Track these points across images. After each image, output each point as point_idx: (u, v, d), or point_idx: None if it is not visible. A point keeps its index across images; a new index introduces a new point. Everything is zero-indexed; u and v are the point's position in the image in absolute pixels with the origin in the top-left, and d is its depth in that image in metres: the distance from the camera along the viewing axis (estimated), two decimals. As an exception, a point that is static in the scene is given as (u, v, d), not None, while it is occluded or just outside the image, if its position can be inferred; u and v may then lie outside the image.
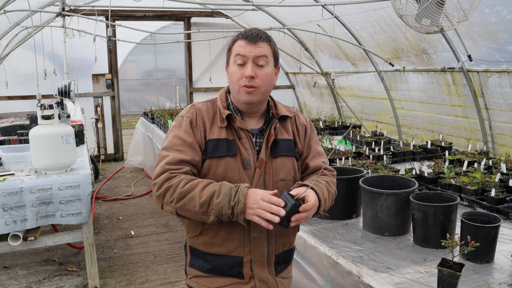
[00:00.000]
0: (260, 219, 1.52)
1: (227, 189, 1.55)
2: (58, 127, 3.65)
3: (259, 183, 1.69)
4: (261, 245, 1.72)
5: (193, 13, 9.13)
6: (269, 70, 1.71)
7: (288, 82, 9.90)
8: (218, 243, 1.71)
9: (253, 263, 1.71)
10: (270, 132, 1.75)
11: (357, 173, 2.69)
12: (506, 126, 5.05)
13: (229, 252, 1.71)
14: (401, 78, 6.43)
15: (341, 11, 6.25)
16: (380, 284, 1.86)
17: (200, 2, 6.96)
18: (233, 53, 1.71)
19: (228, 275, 1.73)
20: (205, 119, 1.74)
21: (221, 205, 1.53)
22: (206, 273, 1.76)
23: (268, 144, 1.74)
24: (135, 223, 5.62)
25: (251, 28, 1.74)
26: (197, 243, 1.76)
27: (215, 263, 1.73)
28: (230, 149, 1.69)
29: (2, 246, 3.62)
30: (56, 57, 8.05)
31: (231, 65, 1.72)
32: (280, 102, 1.90)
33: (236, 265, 1.71)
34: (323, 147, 4.21)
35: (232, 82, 1.72)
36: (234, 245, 1.70)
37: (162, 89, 16.43)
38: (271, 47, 1.73)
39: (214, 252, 1.73)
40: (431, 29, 2.93)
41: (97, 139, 8.90)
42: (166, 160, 1.65)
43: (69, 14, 6.60)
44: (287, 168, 1.77)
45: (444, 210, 2.15)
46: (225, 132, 1.71)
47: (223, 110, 1.73)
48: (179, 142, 1.68)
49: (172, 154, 1.66)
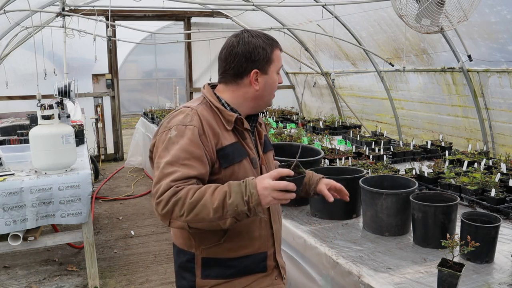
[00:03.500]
0: (279, 201, 1.51)
1: (236, 187, 1.49)
2: (58, 127, 3.65)
3: None
4: (279, 235, 1.84)
5: (193, 13, 9.13)
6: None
7: (288, 82, 9.90)
8: (245, 245, 1.71)
9: (276, 253, 1.81)
10: (259, 130, 1.85)
11: (357, 173, 2.69)
12: (506, 126, 5.05)
13: (255, 250, 1.74)
14: (401, 78, 6.43)
15: (341, 11, 6.25)
16: (380, 284, 1.86)
17: (200, 2, 6.96)
18: (276, 61, 1.74)
19: (253, 272, 1.75)
20: (213, 125, 1.65)
21: (235, 204, 1.47)
22: (228, 278, 1.72)
23: (261, 141, 1.85)
24: (135, 223, 5.62)
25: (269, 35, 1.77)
26: (217, 252, 1.70)
27: (240, 266, 1.72)
28: (242, 152, 1.70)
29: (2, 246, 3.62)
30: (56, 57, 8.05)
31: (273, 74, 1.74)
32: None
33: (262, 260, 1.77)
34: (323, 147, 4.22)
35: (272, 89, 1.77)
36: (259, 243, 1.75)
37: (162, 89, 16.42)
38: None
39: (241, 255, 1.71)
40: (431, 29, 2.93)
41: (97, 139, 8.90)
42: (172, 177, 1.52)
43: (69, 14, 6.60)
44: (272, 161, 1.94)
45: (444, 210, 2.15)
46: (233, 135, 1.70)
47: (229, 113, 1.69)
48: (185, 156, 1.55)
49: (179, 171, 1.53)
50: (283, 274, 1.86)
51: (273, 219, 1.79)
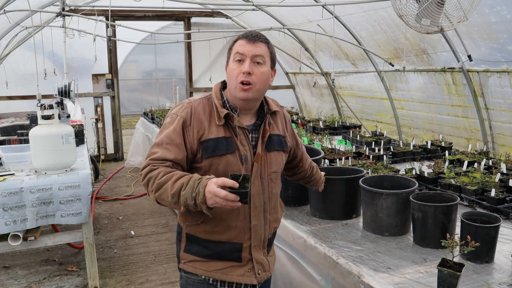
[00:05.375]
0: (222, 206, 1.59)
1: (192, 182, 1.62)
2: (58, 127, 3.65)
3: (256, 176, 1.82)
4: (259, 232, 1.86)
5: (193, 13, 9.13)
6: (266, 70, 1.80)
7: (288, 82, 9.89)
8: (220, 231, 1.82)
9: (252, 247, 1.85)
10: (265, 128, 1.87)
11: (357, 173, 2.69)
12: (506, 126, 5.05)
13: (230, 239, 1.82)
14: (401, 78, 6.43)
15: (341, 11, 6.25)
16: (380, 284, 1.86)
17: (200, 2, 6.96)
18: (233, 51, 1.80)
19: (227, 259, 1.84)
20: (202, 118, 1.80)
21: (185, 197, 1.61)
22: (204, 258, 1.86)
23: (264, 139, 1.86)
24: (135, 223, 5.62)
25: (251, 30, 1.86)
26: (197, 231, 1.85)
27: (215, 249, 1.84)
28: (229, 147, 1.78)
29: (2, 246, 3.62)
30: (56, 57, 8.05)
31: (230, 62, 1.81)
32: (268, 97, 1.99)
33: (236, 251, 1.84)
34: (323, 147, 4.22)
35: (230, 79, 1.80)
36: (235, 233, 1.82)
37: (162, 89, 16.41)
38: (269, 49, 1.83)
39: (215, 239, 1.83)
40: (431, 29, 2.93)
41: (97, 139, 8.89)
42: (153, 156, 1.77)
43: (69, 14, 6.60)
44: (278, 161, 1.93)
45: (444, 210, 2.15)
46: (222, 130, 1.79)
47: (220, 109, 1.80)
48: (167, 141, 1.77)
49: (159, 152, 1.76)
50: (259, 270, 1.88)
51: (253, 214, 1.83)
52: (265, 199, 1.87)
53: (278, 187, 1.98)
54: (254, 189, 1.82)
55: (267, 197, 1.88)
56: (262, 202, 1.86)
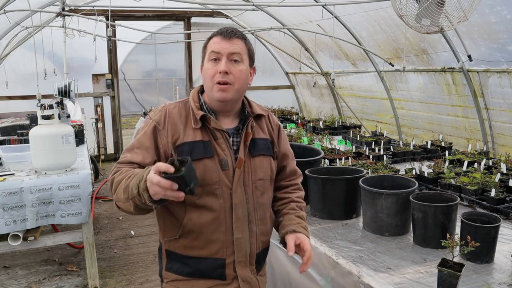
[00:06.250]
0: (163, 196, 1.39)
1: (143, 171, 1.48)
2: (58, 127, 3.65)
3: (239, 183, 1.68)
4: (244, 246, 1.70)
5: (193, 13, 9.12)
6: (244, 68, 1.69)
7: (288, 82, 9.89)
8: (200, 246, 1.68)
9: (236, 263, 1.70)
10: (247, 131, 1.73)
11: (357, 173, 2.69)
12: (506, 126, 5.05)
13: (211, 254, 1.68)
14: (401, 78, 6.43)
15: (341, 11, 6.25)
16: (380, 284, 1.86)
17: (200, 2, 6.96)
18: (208, 50, 1.70)
19: (210, 277, 1.70)
20: (177, 122, 1.69)
21: (131, 186, 1.48)
22: (186, 276, 1.72)
23: (246, 143, 1.72)
24: (135, 223, 5.61)
25: (226, 26, 1.73)
26: (175, 246, 1.73)
27: (196, 266, 1.70)
28: (207, 151, 1.65)
29: (2, 246, 3.62)
30: (56, 57, 8.05)
31: (205, 62, 1.70)
32: (253, 101, 1.87)
33: (219, 267, 1.69)
34: (323, 147, 4.22)
35: (206, 79, 1.69)
36: (216, 247, 1.68)
37: (162, 89, 16.41)
38: (246, 45, 1.71)
39: (195, 255, 1.69)
40: (431, 29, 2.93)
41: (97, 139, 8.89)
42: (120, 160, 1.69)
43: (69, 14, 6.59)
44: (265, 168, 1.77)
45: (444, 210, 2.15)
46: (200, 134, 1.67)
47: (196, 111, 1.69)
48: (137, 145, 1.69)
49: (128, 156, 1.67)
50: None
51: (236, 225, 1.68)
52: (250, 209, 1.71)
53: (267, 196, 1.80)
54: (237, 198, 1.67)
55: (251, 207, 1.71)
56: (246, 212, 1.70)
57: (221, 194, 1.66)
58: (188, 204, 1.67)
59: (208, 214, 1.66)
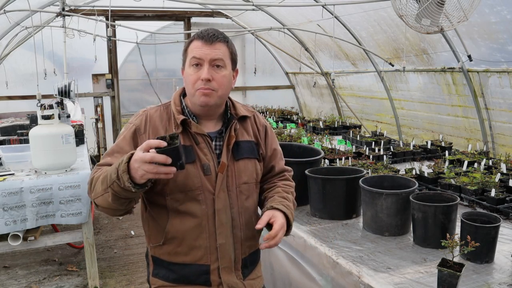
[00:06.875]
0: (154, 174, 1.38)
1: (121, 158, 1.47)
2: (58, 127, 3.65)
3: (222, 188, 1.66)
4: (228, 251, 1.68)
5: (193, 13, 9.12)
6: (227, 73, 1.65)
7: (288, 82, 9.89)
8: (184, 252, 1.67)
9: (220, 269, 1.68)
10: (230, 134, 1.70)
11: (357, 173, 2.69)
12: (506, 126, 5.05)
13: (195, 260, 1.67)
14: (401, 78, 6.43)
15: (341, 11, 6.25)
16: (380, 284, 1.86)
17: (200, 2, 6.96)
18: (189, 54, 1.64)
19: (195, 283, 1.69)
20: (158, 126, 1.68)
21: (109, 173, 1.46)
22: (172, 282, 1.72)
23: (229, 146, 1.69)
24: (135, 223, 5.61)
25: (208, 28, 1.67)
26: (160, 253, 1.72)
27: (180, 273, 1.69)
28: (188, 156, 1.60)
29: (2, 246, 3.62)
30: (56, 57, 8.04)
31: (187, 67, 1.66)
32: (238, 101, 1.84)
33: (203, 273, 1.68)
34: (323, 147, 4.22)
35: (188, 85, 1.66)
36: (200, 254, 1.66)
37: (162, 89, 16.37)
38: (228, 49, 1.67)
39: (180, 261, 1.69)
40: (431, 29, 2.93)
41: (97, 139, 8.89)
42: (101, 162, 1.67)
43: (69, 14, 6.59)
44: (249, 171, 1.74)
45: (444, 210, 2.15)
46: (181, 138, 1.60)
47: (177, 115, 1.67)
48: (117, 149, 1.66)
49: (109, 159, 1.64)
50: None
51: (219, 231, 1.65)
52: (234, 214, 1.68)
53: (253, 200, 1.77)
54: (220, 203, 1.65)
55: (236, 212, 1.69)
56: (230, 217, 1.67)
57: (203, 199, 1.64)
58: (170, 210, 1.66)
59: (190, 220, 1.65)
